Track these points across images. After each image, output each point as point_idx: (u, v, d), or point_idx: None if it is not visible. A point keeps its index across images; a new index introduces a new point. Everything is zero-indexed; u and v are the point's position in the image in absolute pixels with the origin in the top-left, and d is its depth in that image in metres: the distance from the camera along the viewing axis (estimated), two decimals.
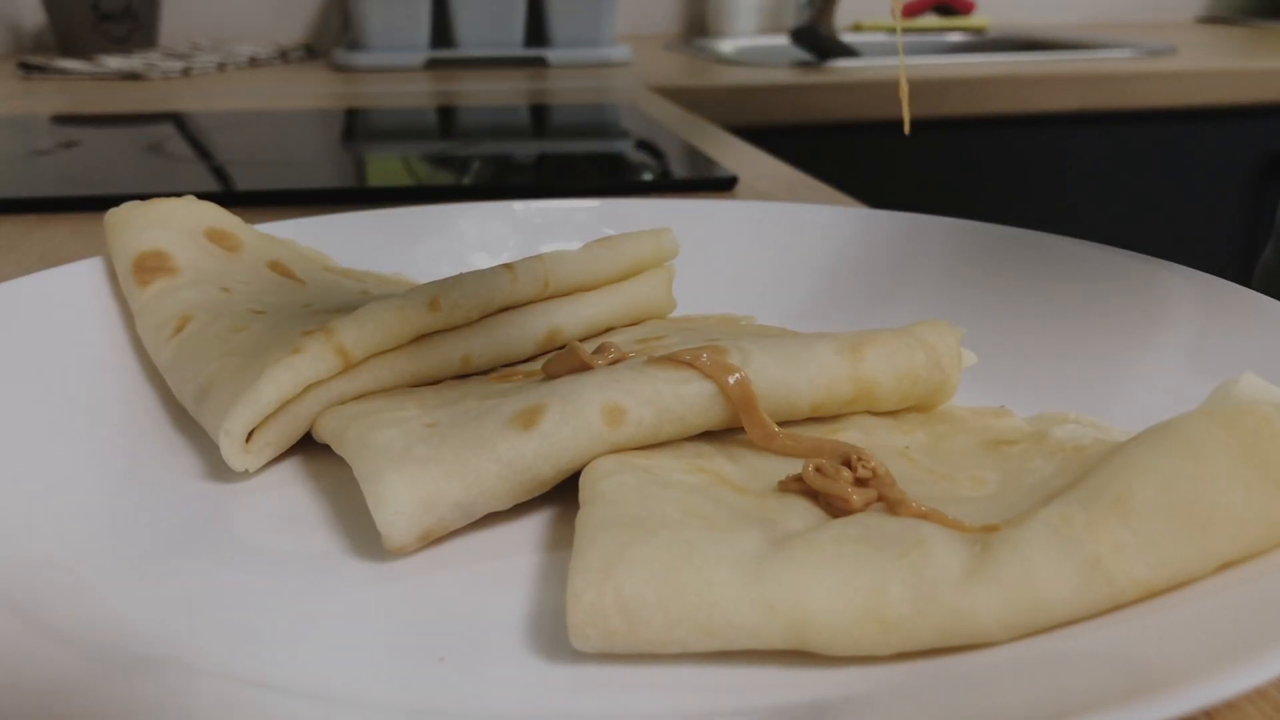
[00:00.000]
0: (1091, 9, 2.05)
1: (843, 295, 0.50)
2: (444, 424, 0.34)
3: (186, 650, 0.28)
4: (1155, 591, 0.26)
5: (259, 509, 0.35)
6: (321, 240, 0.52)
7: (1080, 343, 0.42)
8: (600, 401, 0.33)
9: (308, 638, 0.28)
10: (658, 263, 0.46)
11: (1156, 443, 0.27)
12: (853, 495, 0.30)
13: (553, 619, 0.29)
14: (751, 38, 1.78)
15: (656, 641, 0.26)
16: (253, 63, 1.49)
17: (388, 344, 0.38)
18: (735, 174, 0.74)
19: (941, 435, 0.36)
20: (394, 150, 0.92)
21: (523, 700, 0.26)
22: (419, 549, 0.32)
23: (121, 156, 0.87)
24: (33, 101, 1.16)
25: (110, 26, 1.49)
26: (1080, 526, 0.26)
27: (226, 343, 0.40)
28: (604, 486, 0.31)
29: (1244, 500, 0.26)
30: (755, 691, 0.26)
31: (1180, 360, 0.39)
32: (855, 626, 0.26)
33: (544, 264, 0.43)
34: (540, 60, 1.48)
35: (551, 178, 0.81)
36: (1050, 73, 1.35)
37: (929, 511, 0.29)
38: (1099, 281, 0.45)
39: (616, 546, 0.27)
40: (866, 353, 0.36)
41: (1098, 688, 0.23)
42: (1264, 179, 1.44)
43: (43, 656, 0.26)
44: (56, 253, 0.59)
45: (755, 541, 0.28)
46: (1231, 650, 0.22)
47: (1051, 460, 0.32)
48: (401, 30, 1.46)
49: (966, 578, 0.26)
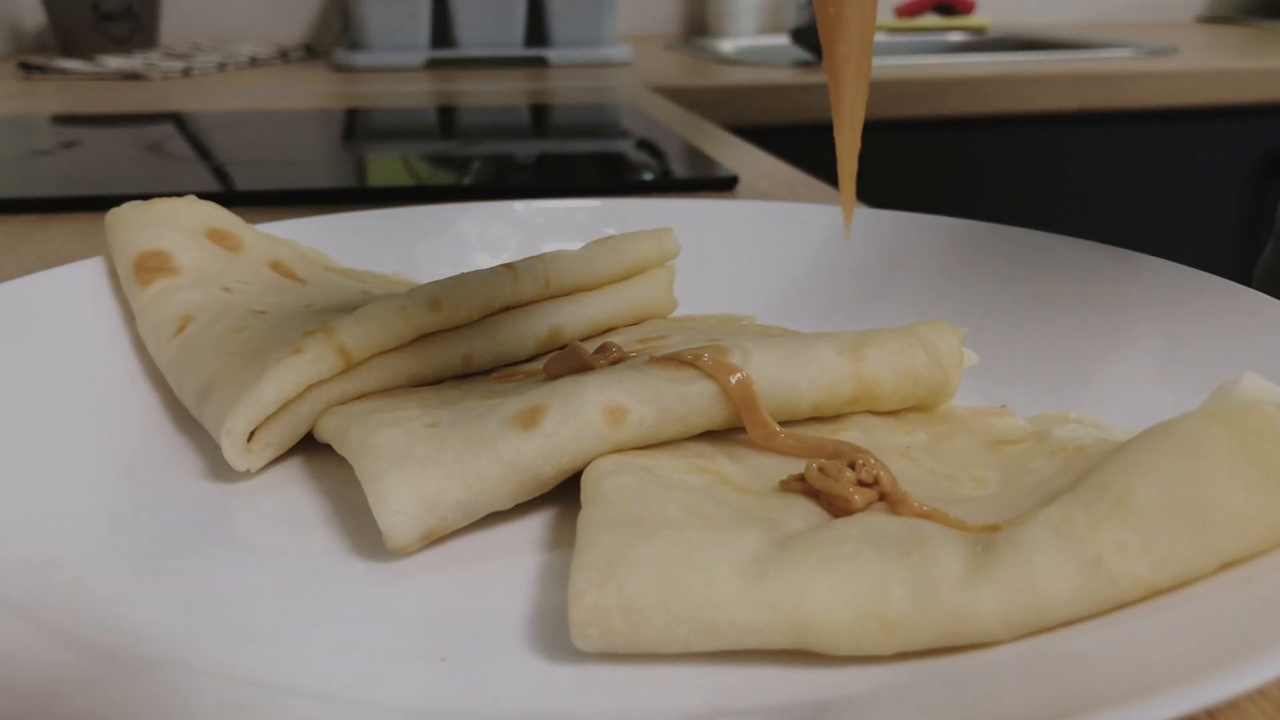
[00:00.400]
0: (1092, 9, 2.05)
1: (843, 295, 0.50)
2: (445, 424, 0.34)
3: (188, 650, 0.28)
4: (1157, 591, 0.26)
5: (260, 509, 0.35)
6: (322, 240, 0.52)
7: (1081, 342, 0.42)
8: (601, 401, 0.33)
9: (309, 637, 0.28)
10: (659, 262, 0.46)
11: (1158, 443, 0.27)
12: (854, 495, 0.30)
13: (554, 618, 0.29)
14: (752, 37, 1.78)
15: (658, 641, 0.26)
16: (253, 63, 1.49)
17: (389, 344, 0.38)
18: (736, 174, 0.74)
19: (943, 435, 0.36)
20: (394, 150, 0.92)
21: (525, 700, 0.26)
22: (420, 549, 0.32)
23: (122, 157, 0.87)
24: (33, 101, 1.16)
25: (111, 26, 1.49)
26: (1082, 526, 0.26)
27: (228, 343, 0.40)
28: (605, 486, 0.31)
29: (1245, 500, 0.26)
30: (757, 691, 0.26)
31: (1181, 360, 0.39)
32: (857, 626, 0.26)
33: (545, 264, 0.43)
34: (541, 60, 1.48)
35: (552, 178, 0.81)
36: (1050, 72, 1.35)
37: (930, 511, 0.29)
38: (1099, 281, 0.45)
39: (618, 546, 0.27)
40: (868, 352, 0.36)
41: (1099, 687, 0.23)
42: (1264, 179, 1.44)
43: (44, 656, 0.26)
44: (57, 253, 0.59)
45: (757, 541, 0.28)
46: (1233, 650, 0.22)
47: (1053, 460, 0.32)
48: (402, 30, 1.46)
49: (968, 577, 0.26)
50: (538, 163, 0.86)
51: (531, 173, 0.82)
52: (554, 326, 0.43)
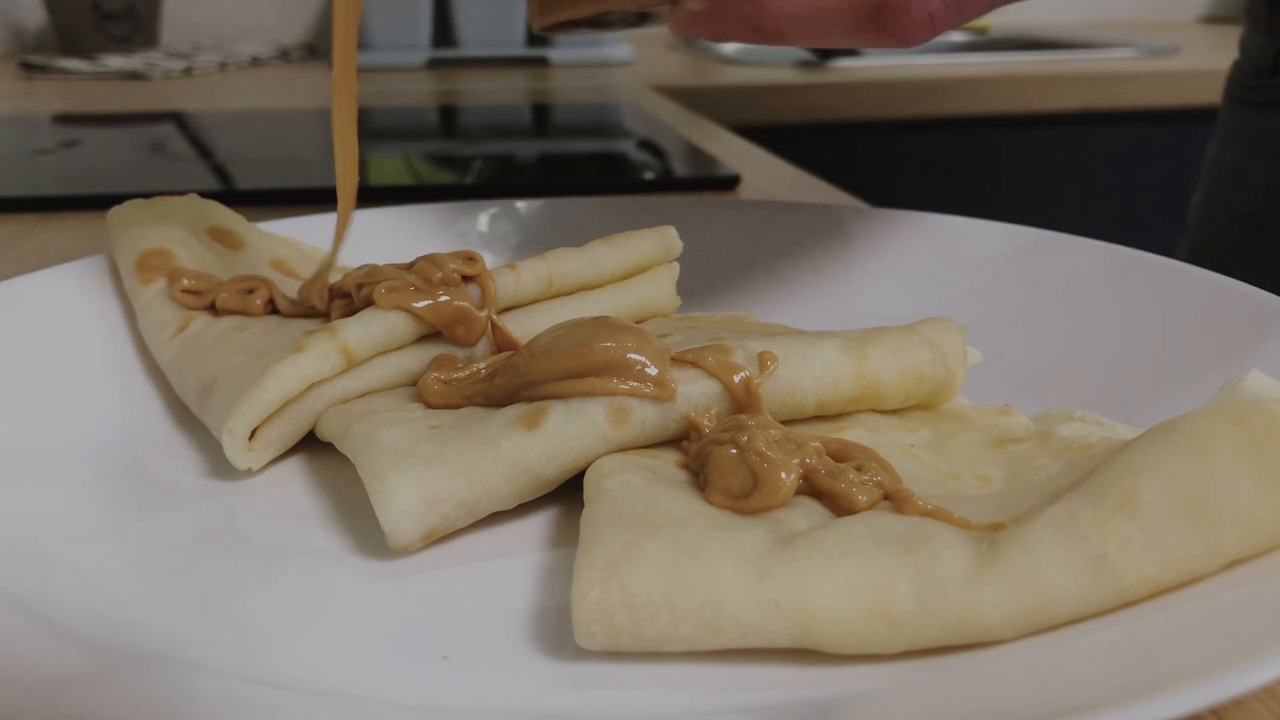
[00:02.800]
0: (1093, 8, 2.05)
1: (845, 293, 0.50)
2: (448, 423, 0.34)
3: (190, 647, 0.27)
4: (1163, 589, 0.26)
5: (262, 507, 0.35)
6: (324, 239, 0.52)
7: (1085, 340, 0.42)
8: (604, 401, 0.33)
9: (311, 635, 0.28)
10: (661, 261, 0.46)
11: (1163, 440, 0.27)
12: (858, 493, 0.30)
13: (558, 617, 0.29)
14: None
15: (662, 639, 0.26)
16: (254, 62, 1.49)
17: (391, 343, 0.38)
18: (737, 173, 0.73)
19: (947, 433, 0.36)
20: (396, 150, 0.92)
21: (527, 698, 0.26)
22: (423, 547, 0.32)
23: (123, 156, 0.87)
24: (34, 101, 1.16)
25: (112, 26, 1.49)
26: (1087, 524, 0.26)
27: (229, 341, 0.40)
28: (609, 485, 0.31)
29: (1252, 497, 0.26)
30: (761, 689, 0.26)
31: (1186, 357, 0.39)
32: (861, 624, 0.26)
33: (547, 263, 0.42)
34: (542, 60, 1.48)
35: (554, 177, 0.81)
36: (1052, 72, 1.35)
37: (935, 509, 0.29)
38: (1103, 279, 0.44)
39: (622, 544, 0.27)
40: (871, 350, 0.36)
41: (1105, 685, 0.22)
42: None
43: (47, 653, 0.26)
44: (57, 251, 0.59)
45: (761, 539, 0.27)
46: (1239, 648, 0.22)
47: (1058, 458, 0.32)
48: (403, 29, 1.46)
49: (973, 576, 0.26)
50: (539, 162, 0.86)
51: (533, 172, 0.82)
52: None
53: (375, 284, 0.38)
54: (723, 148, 0.87)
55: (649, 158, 0.85)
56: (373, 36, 1.46)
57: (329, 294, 0.41)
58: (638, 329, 0.35)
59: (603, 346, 0.33)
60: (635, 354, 0.34)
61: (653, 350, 0.34)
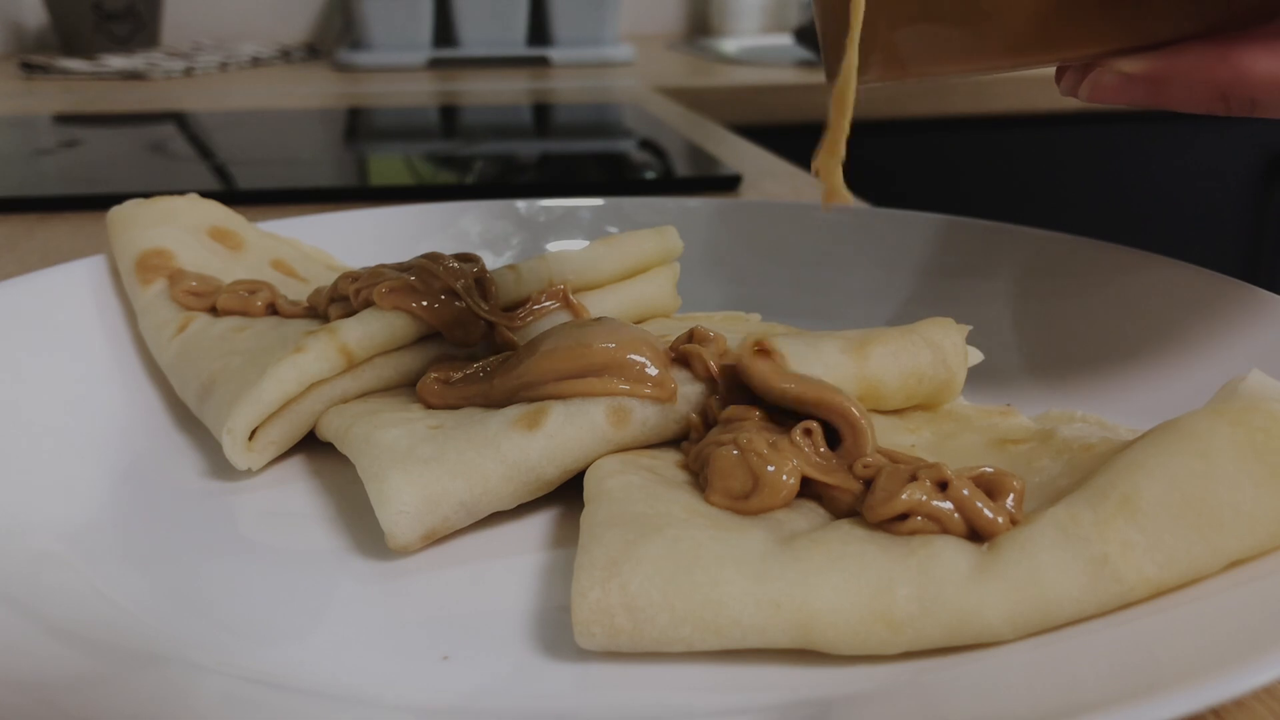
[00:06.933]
0: None
1: (847, 294, 0.50)
2: (448, 424, 0.34)
3: (190, 647, 0.27)
4: (1163, 590, 0.26)
5: (262, 507, 0.35)
6: (324, 239, 0.52)
7: (1084, 341, 0.42)
8: (605, 401, 0.33)
9: (311, 635, 0.28)
10: (662, 261, 0.46)
11: (1164, 441, 0.27)
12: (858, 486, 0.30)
13: (558, 617, 0.29)
14: (754, 37, 1.78)
15: (662, 640, 0.26)
16: (255, 62, 1.49)
17: (391, 343, 0.38)
18: (738, 173, 0.73)
19: (948, 434, 0.35)
20: (396, 149, 0.92)
21: (527, 698, 0.26)
22: (423, 548, 0.32)
23: (123, 156, 0.87)
24: (35, 101, 1.16)
25: (112, 26, 1.49)
26: (1088, 525, 0.26)
27: (229, 342, 0.40)
28: (609, 485, 0.31)
29: (1253, 498, 0.26)
30: (761, 690, 0.26)
31: (1186, 358, 0.39)
32: (862, 625, 0.25)
33: (548, 263, 0.42)
34: (543, 60, 1.47)
35: (555, 177, 0.81)
36: (1053, 72, 1.34)
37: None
38: (1104, 279, 0.44)
39: (622, 544, 0.27)
40: (872, 351, 0.36)
41: (1106, 686, 0.23)
42: (1267, 180, 1.44)
43: (47, 653, 0.26)
44: (58, 251, 0.59)
45: (761, 540, 0.27)
46: (1240, 649, 0.22)
47: (1058, 459, 0.32)
48: (404, 30, 1.46)
49: (974, 577, 0.26)
50: (540, 162, 0.86)
51: (534, 172, 0.82)
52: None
53: (375, 284, 0.38)
54: (723, 148, 0.87)
55: (650, 158, 0.85)
56: (373, 36, 1.46)
57: (327, 295, 0.41)
58: (638, 329, 0.35)
59: (603, 347, 0.33)
60: (635, 354, 0.34)
61: (653, 351, 0.34)
